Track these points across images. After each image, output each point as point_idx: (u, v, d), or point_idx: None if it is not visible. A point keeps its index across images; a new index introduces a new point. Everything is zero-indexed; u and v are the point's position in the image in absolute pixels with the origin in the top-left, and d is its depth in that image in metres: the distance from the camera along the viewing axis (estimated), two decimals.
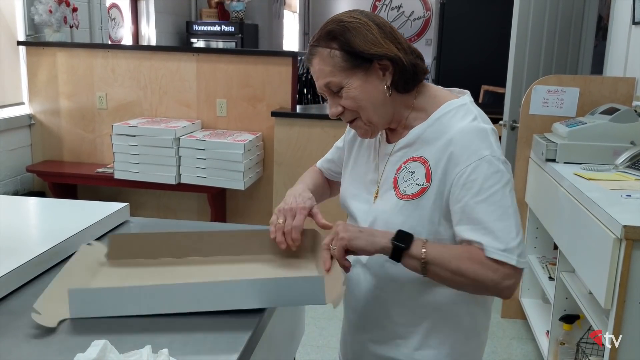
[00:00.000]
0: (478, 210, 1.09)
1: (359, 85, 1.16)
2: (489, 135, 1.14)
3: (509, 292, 1.10)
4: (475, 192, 1.09)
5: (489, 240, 1.08)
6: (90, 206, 1.70)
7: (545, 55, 3.76)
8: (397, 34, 1.19)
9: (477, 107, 1.21)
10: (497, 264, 1.07)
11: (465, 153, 1.11)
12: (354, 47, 1.13)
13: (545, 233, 2.77)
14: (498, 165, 1.10)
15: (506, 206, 1.09)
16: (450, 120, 1.16)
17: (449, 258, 1.09)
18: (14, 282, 1.18)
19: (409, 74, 1.17)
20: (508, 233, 1.08)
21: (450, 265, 1.09)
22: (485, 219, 1.08)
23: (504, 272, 1.08)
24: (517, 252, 1.08)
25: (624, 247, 1.73)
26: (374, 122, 1.20)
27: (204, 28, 6.75)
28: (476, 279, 1.08)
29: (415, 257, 1.10)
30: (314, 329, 2.97)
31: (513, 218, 1.09)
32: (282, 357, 1.43)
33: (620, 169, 2.39)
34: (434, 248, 1.10)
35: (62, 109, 4.07)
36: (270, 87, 3.87)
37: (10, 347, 0.98)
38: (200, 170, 3.61)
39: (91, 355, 0.83)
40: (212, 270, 1.28)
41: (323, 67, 1.17)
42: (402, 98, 1.20)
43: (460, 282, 1.10)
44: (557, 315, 2.44)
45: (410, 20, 8.97)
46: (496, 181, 1.09)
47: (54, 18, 3.97)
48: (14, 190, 3.91)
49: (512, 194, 1.11)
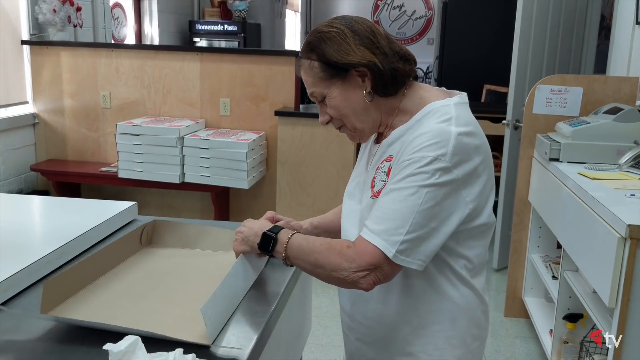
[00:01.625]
0: (387, 196, 1.09)
1: (338, 94, 1.18)
2: (451, 138, 1.08)
3: (365, 283, 1.08)
4: (396, 180, 1.09)
5: (377, 222, 1.08)
6: (97, 205, 1.71)
7: (548, 55, 3.76)
8: (378, 38, 1.17)
9: (461, 109, 1.16)
10: (356, 252, 1.07)
11: (414, 147, 1.09)
12: (328, 58, 1.15)
13: (548, 232, 2.78)
14: (435, 168, 1.06)
15: (413, 203, 1.06)
16: (427, 122, 1.14)
17: (308, 251, 1.13)
18: (25, 280, 1.19)
19: (387, 78, 1.16)
20: (399, 226, 1.06)
21: (309, 259, 1.12)
22: (387, 206, 1.08)
23: (360, 262, 1.06)
24: (397, 247, 1.05)
25: (628, 246, 1.74)
26: (358, 128, 1.22)
27: (206, 27, 6.76)
28: (332, 269, 1.09)
29: (279, 252, 1.16)
30: (318, 328, 2.98)
31: (414, 216, 1.06)
32: (290, 354, 1.44)
33: (624, 168, 2.39)
34: (296, 243, 1.14)
35: (66, 108, 4.08)
36: (274, 87, 3.88)
37: (23, 345, 0.99)
38: (203, 169, 3.62)
39: (120, 347, 0.85)
40: None
41: (306, 77, 1.20)
42: (387, 102, 1.20)
43: (319, 273, 1.12)
44: (561, 314, 2.44)
45: (412, 19, 8.98)
46: (419, 179, 1.06)
47: (57, 17, 3.98)
48: (18, 189, 3.92)
49: (428, 197, 1.06)
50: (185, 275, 1.34)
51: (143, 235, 1.46)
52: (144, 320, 1.09)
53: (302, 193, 3.79)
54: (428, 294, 1.18)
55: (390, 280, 1.11)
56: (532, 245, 3.04)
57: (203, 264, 1.40)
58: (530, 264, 3.05)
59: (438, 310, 1.19)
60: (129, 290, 1.23)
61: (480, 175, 1.12)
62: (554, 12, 3.71)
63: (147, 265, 1.37)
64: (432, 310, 1.19)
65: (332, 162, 3.73)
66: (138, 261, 1.38)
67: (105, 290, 1.22)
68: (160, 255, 1.43)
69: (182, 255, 1.44)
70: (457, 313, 1.20)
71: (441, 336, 1.20)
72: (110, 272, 1.30)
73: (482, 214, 1.15)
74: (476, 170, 1.11)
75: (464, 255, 1.17)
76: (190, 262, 1.41)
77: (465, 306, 1.20)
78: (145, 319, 1.10)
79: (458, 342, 1.21)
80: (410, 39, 8.90)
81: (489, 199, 1.16)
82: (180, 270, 1.37)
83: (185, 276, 1.33)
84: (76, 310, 1.11)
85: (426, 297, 1.18)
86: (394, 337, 1.22)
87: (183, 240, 1.48)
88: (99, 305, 1.15)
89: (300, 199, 3.76)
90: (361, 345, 1.28)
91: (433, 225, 1.07)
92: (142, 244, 1.46)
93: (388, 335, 1.23)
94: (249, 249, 1.24)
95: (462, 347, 1.21)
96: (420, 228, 1.06)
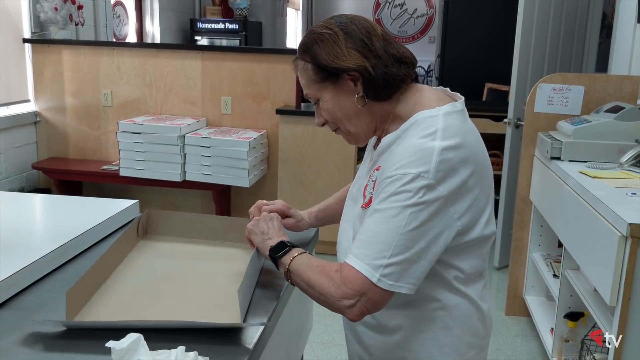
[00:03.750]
0: (371, 218, 1.06)
1: (331, 98, 1.16)
2: (434, 154, 1.04)
3: (351, 314, 1.05)
4: (378, 200, 1.06)
5: (361, 247, 1.05)
6: (99, 203, 1.71)
7: (549, 53, 3.76)
8: (372, 40, 1.13)
9: (451, 119, 1.11)
10: (342, 278, 1.04)
11: (395, 165, 1.06)
12: (320, 61, 1.13)
13: (549, 231, 2.78)
14: (418, 186, 1.02)
15: (397, 225, 1.02)
16: (410, 133, 1.11)
17: (306, 270, 1.10)
18: (27, 278, 1.20)
19: (378, 83, 1.13)
20: (382, 250, 1.02)
21: (303, 276, 1.10)
22: (370, 229, 1.05)
23: (345, 288, 1.03)
24: (381, 271, 1.02)
25: (629, 244, 1.74)
26: (352, 132, 1.20)
27: (207, 25, 6.76)
28: (321, 292, 1.07)
29: (283, 264, 1.15)
30: (320, 326, 2.98)
31: (398, 238, 1.02)
32: (292, 352, 1.44)
33: (625, 167, 2.39)
34: (301, 259, 1.13)
35: (68, 107, 4.09)
36: (275, 85, 3.88)
37: (25, 342, 0.99)
38: (205, 167, 3.63)
39: (122, 345, 0.85)
40: None
41: (301, 79, 1.19)
42: (381, 106, 1.17)
43: (311, 294, 1.10)
44: (562, 313, 2.45)
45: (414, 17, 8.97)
46: (403, 199, 1.03)
47: (59, 16, 3.99)
48: (19, 187, 3.93)
49: (412, 217, 1.02)
50: (190, 268, 1.35)
51: (139, 228, 1.47)
52: (173, 314, 1.11)
53: (303, 191, 3.79)
54: (419, 302, 1.15)
55: (381, 309, 1.06)
56: (533, 244, 3.04)
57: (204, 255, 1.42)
58: (531, 263, 3.05)
59: (429, 318, 1.16)
60: (143, 287, 1.24)
61: (471, 189, 1.08)
62: (555, 11, 3.71)
63: (150, 259, 1.37)
64: (424, 318, 1.16)
65: (333, 160, 3.73)
66: (140, 256, 1.38)
67: (120, 290, 1.21)
68: (159, 247, 1.44)
69: (180, 246, 1.46)
70: (450, 322, 1.16)
71: (434, 344, 1.17)
72: (116, 270, 1.30)
73: (474, 228, 1.11)
74: (465, 184, 1.06)
75: (456, 266, 1.14)
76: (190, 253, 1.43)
77: (458, 315, 1.17)
78: (173, 312, 1.12)
79: (451, 351, 1.17)
80: (412, 38, 8.89)
81: (484, 210, 1.12)
82: (183, 263, 1.38)
83: (189, 268, 1.35)
84: (100, 313, 1.11)
85: (417, 305, 1.15)
86: (389, 342, 1.20)
87: (176, 230, 1.50)
88: (120, 305, 1.15)
89: (302, 197, 3.76)
90: (359, 349, 1.27)
91: (420, 246, 1.03)
92: (139, 235, 1.47)
93: (385, 341, 1.20)
94: (259, 242, 1.25)
95: (455, 355, 1.18)
96: (406, 250, 1.02)
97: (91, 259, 1.36)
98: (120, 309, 1.13)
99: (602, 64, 4.03)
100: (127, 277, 1.27)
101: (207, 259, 1.40)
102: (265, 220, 1.29)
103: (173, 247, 1.45)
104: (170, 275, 1.30)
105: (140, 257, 1.37)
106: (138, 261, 1.35)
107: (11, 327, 1.04)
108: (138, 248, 1.42)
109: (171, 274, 1.31)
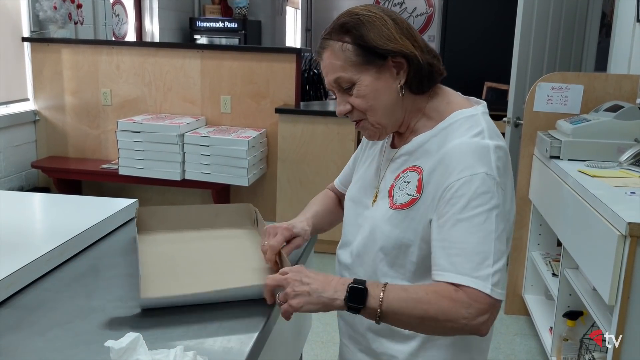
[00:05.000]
0: (457, 229, 1.01)
1: (370, 83, 1.09)
2: (490, 152, 1.04)
3: (485, 329, 0.99)
4: (458, 209, 1.01)
5: (460, 262, 0.99)
6: (98, 202, 1.71)
7: (549, 52, 3.76)
8: (414, 32, 1.12)
9: (488, 120, 1.13)
10: (469, 296, 0.97)
11: (458, 167, 1.03)
12: (367, 42, 1.07)
13: (549, 230, 2.78)
14: (491, 185, 1.01)
15: (488, 230, 0.99)
16: (454, 132, 1.09)
17: (413, 304, 0.99)
18: (26, 277, 1.20)
19: (424, 73, 1.10)
20: (484, 259, 0.98)
21: (415, 312, 0.98)
22: (462, 240, 1.00)
23: (478, 305, 0.97)
24: (491, 281, 0.98)
25: (628, 243, 1.74)
26: (383, 124, 1.13)
27: (207, 24, 6.76)
28: (447, 319, 0.97)
29: (371, 309, 1.00)
30: (319, 325, 2.98)
31: (494, 244, 0.99)
32: (291, 351, 1.44)
33: (624, 166, 2.39)
34: (393, 296, 0.99)
35: (67, 105, 4.09)
36: (274, 84, 3.88)
37: (24, 341, 0.99)
38: (204, 166, 3.63)
39: (121, 344, 0.85)
40: None
41: (334, 61, 1.10)
42: (414, 100, 1.13)
43: (431, 326, 1.00)
44: (561, 312, 2.45)
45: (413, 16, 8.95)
46: (484, 202, 1.00)
47: (58, 14, 3.98)
48: (19, 186, 3.93)
49: (498, 219, 1.01)
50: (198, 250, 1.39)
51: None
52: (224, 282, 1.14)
53: (302, 190, 3.79)
54: None
55: None
56: (532, 243, 3.04)
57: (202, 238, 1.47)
58: (530, 262, 3.05)
59: None
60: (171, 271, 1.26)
61: (513, 191, 1.11)
62: (554, 10, 3.71)
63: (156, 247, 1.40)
64: None
65: (332, 159, 3.73)
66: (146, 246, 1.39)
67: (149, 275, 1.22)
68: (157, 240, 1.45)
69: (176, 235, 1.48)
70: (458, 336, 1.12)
71: (449, 352, 1.13)
72: None
73: (509, 222, 1.10)
74: (510, 184, 1.09)
75: None
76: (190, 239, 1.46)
77: None
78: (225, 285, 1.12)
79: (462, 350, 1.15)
80: None
81: (514, 207, 1.13)
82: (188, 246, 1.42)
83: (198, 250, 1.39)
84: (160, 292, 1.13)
85: None
86: (404, 350, 1.15)
87: (166, 224, 1.51)
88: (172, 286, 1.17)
89: (301, 196, 3.76)
90: (364, 357, 1.22)
91: (506, 246, 1.02)
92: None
93: (399, 349, 1.16)
94: (318, 309, 1.03)
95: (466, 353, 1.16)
96: (502, 254, 1.00)
97: (90, 258, 1.36)
98: (175, 288, 1.14)
99: (602, 63, 4.03)
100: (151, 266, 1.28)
101: (206, 240, 1.45)
102: (298, 274, 1.05)
103: (170, 237, 1.47)
104: (187, 259, 1.33)
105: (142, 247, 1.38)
106: (143, 250, 1.36)
107: (10, 326, 1.04)
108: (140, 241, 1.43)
109: (187, 257, 1.34)
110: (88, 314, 1.08)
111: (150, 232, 1.49)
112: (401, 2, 9.00)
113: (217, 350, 0.97)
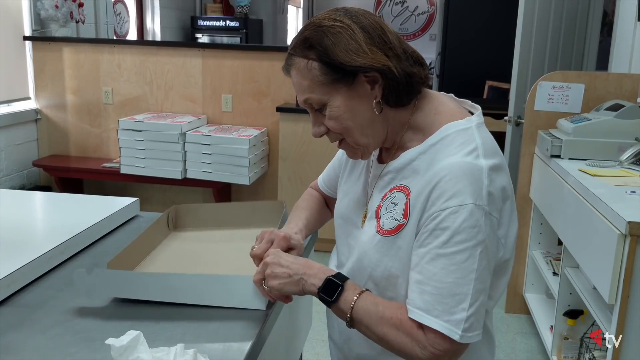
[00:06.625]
0: (435, 264, 0.93)
1: (342, 103, 0.99)
2: (483, 176, 0.94)
3: None
4: (440, 243, 0.93)
5: (432, 301, 0.92)
6: (100, 201, 1.72)
7: (550, 51, 3.76)
8: (389, 37, 1.00)
9: (483, 132, 1.01)
10: (427, 339, 0.92)
11: (445, 194, 0.93)
12: (333, 58, 0.96)
13: (549, 229, 2.79)
14: (479, 218, 0.92)
15: (469, 270, 0.91)
16: (445, 150, 0.98)
17: (376, 320, 0.96)
18: (28, 275, 1.20)
19: (402, 86, 0.99)
20: (459, 302, 0.91)
21: (376, 330, 0.96)
22: (438, 278, 0.92)
23: (433, 350, 0.92)
24: (463, 326, 0.91)
25: (628, 242, 1.74)
26: (362, 144, 1.03)
27: (208, 23, 6.77)
28: (401, 351, 0.94)
29: (342, 310, 0.98)
30: (319, 323, 2.98)
31: (472, 285, 0.91)
32: (291, 349, 1.45)
33: (625, 165, 2.39)
34: (363, 305, 0.96)
35: (68, 104, 4.09)
36: (276, 83, 3.88)
37: (26, 340, 0.99)
38: (205, 165, 3.63)
39: (122, 342, 0.85)
40: None
41: (301, 80, 1.01)
42: (396, 114, 1.03)
43: (387, 347, 0.97)
44: (561, 311, 2.45)
45: (415, 15, 8.96)
46: (468, 237, 0.92)
47: (60, 13, 3.99)
48: (20, 185, 3.94)
49: (482, 256, 0.92)
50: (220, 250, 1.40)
51: (169, 222, 1.50)
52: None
53: (303, 189, 3.75)
54: None
55: None
56: (533, 242, 3.04)
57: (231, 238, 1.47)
58: (531, 261, 3.05)
59: None
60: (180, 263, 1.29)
61: (513, 210, 1.00)
62: (556, 9, 3.71)
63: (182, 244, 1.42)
64: None
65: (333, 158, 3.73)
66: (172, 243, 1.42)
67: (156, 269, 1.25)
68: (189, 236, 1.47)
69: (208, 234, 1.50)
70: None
71: None
72: (150, 255, 1.33)
73: (507, 245, 1.00)
74: (510, 206, 0.99)
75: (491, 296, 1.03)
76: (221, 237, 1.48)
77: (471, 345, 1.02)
78: None
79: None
80: (413, 35, 8.88)
81: (515, 225, 1.02)
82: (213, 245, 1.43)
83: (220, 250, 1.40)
84: None
85: None
86: None
87: (204, 222, 1.53)
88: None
89: (302, 194, 3.76)
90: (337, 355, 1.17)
91: (488, 283, 0.95)
92: (169, 228, 1.50)
93: None
94: (297, 290, 1.03)
95: None
96: (480, 294, 0.93)
97: (92, 257, 1.36)
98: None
99: (603, 62, 4.03)
100: (161, 258, 1.30)
101: (234, 241, 1.45)
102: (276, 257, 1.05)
103: (201, 235, 1.48)
104: (200, 258, 1.34)
105: (173, 243, 1.41)
106: (171, 245, 1.39)
107: (12, 325, 1.04)
108: (170, 238, 1.45)
109: (201, 257, 1.35)
110: (89, 313, 1.09)
111: (185, 230, 1.50)
112: (403, 1, 9.00)
113: (217, 348, 0.98)
